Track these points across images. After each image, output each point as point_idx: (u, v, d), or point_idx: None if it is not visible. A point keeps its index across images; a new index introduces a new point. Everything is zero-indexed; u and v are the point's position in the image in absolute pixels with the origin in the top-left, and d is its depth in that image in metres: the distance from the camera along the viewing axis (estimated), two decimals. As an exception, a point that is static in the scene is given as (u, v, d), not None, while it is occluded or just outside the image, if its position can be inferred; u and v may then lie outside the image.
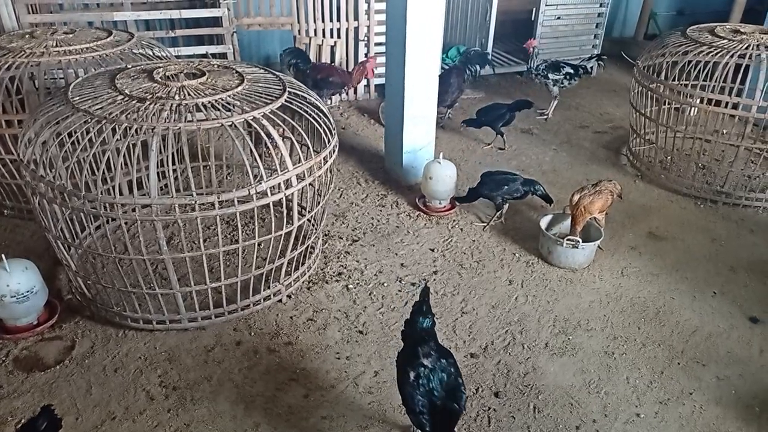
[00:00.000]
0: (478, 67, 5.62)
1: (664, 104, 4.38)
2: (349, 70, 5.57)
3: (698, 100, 4.16)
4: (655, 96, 4.40)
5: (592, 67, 5.67)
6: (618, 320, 3.12)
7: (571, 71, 5.48)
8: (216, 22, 4.99)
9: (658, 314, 3.17)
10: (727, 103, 4.03)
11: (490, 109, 4.94)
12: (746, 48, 4.04)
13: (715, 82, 4.03)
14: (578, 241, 3.39)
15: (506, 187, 3.77)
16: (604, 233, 3.56)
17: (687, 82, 4.25)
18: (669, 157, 4.53)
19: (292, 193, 2.82)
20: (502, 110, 4.85)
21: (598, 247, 3.56)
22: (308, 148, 2.98)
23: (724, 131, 4.59)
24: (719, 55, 4.03)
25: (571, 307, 3.20)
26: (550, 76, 5.46)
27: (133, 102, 2.69)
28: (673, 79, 4.24)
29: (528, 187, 3.80)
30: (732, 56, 4.00)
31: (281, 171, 2.72)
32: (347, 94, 5.70)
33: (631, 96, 4.72)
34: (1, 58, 3.39)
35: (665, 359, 2.88)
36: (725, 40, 4.18)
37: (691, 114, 4.67)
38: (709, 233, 3.91)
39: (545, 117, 5.66)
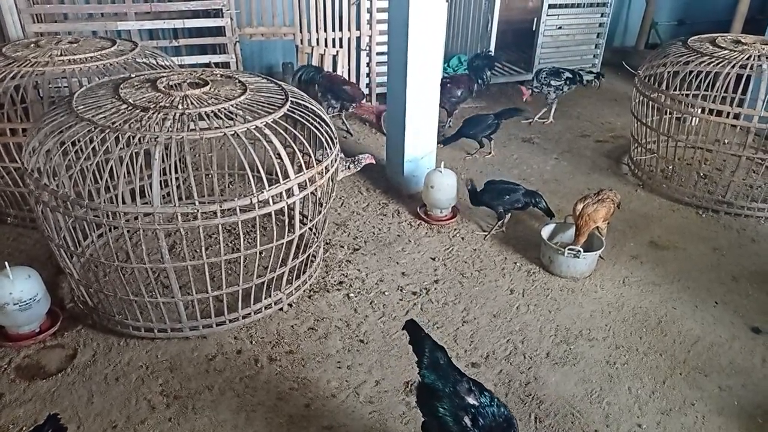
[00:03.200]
0: (488, 74, 5.70)
1: (666, 114, 4.40)
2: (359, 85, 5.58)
3: (699, 110, 4.17)
4: (657, 105, 4.42)
5: (588, 80, 5.81)
6: (620, 330, 3.11)
7: (570, 76, 5.63)
8: (219, 31, 5.03)
9: (660, 324, 3.16)
10: (728, 113, 4.04)
11: (474, 121, 4.93)
12: (747, 58, 4.05)
13: (717, 92, 4.05)
14: (579, 251, 3.39)
15: (508, 197, 3.79)
16: (605, 242, 3.56)
17: (688, 92, 4.27)
18: (670, 167, 4.54)
19: (294, 202, 2.83)
20: (488, 121, 4.87)
21: (600, 256, 3.56)
22: (310, 156, 3.00)
23: (726, 141, 4.60)
24: (720, 65, 4.05)
25: (572, 317, 3.19)
26: (553, 83, 5.59)
27: (137, 111, 2.71)
28: (675, 89, 4.25)
29: (529, 199, 3.81)
30: (733, 66, 4.01)
31: (283, 180, 2.74)
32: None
33: (632, 105, 4.74)
34: (6, 68, 3.41)
35: (667, 369, 2.87)
36: (726, 51, 4.20)
37: (693, 123, 4.68)
38: (710, 243, 3.91)
39: (543, 121, 5.76)
